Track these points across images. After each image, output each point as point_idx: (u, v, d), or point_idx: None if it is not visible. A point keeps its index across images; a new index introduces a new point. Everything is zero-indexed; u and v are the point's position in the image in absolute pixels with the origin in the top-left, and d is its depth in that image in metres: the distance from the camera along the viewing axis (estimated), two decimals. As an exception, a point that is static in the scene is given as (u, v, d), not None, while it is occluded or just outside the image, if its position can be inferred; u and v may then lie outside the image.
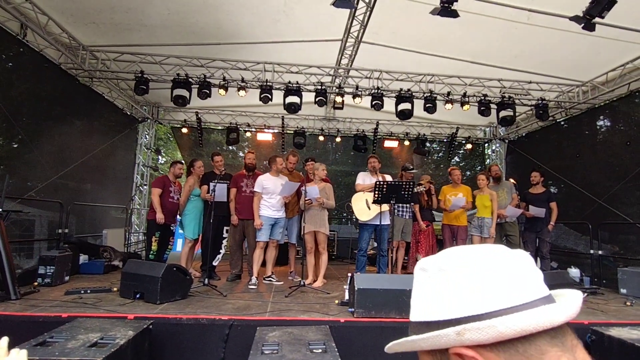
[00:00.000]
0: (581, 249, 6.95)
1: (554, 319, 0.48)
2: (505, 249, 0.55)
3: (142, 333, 2.89)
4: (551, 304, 0.50)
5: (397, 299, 3.53)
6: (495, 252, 0.54)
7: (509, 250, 0.55)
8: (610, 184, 6.49)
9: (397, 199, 4.75)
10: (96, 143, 7.19)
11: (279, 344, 2.71)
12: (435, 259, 0.57)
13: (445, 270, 0.54)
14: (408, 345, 0.55)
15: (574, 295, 0.54)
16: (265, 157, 9.75)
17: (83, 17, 5.65)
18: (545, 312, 0.48)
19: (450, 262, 0.54)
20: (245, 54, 6.75)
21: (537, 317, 0.47)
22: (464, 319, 0.50)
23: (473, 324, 0.48)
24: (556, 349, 0.48)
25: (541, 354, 0.47)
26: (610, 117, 6.96)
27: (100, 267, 5.57)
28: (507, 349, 0.48)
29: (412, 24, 5.82)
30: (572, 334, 0.50)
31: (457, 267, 0.53)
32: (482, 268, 0.52)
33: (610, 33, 5.14)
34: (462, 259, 0.54)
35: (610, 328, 3.40)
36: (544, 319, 0.47)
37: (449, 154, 10.30)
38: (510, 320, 0.47)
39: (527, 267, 0.53)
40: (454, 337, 0.49)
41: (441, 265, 0.55)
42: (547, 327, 0.48)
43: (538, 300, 0.50)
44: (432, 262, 0.57)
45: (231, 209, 5.36)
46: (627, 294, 5.08)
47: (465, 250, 0.56)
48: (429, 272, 0.56)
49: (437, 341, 0.51)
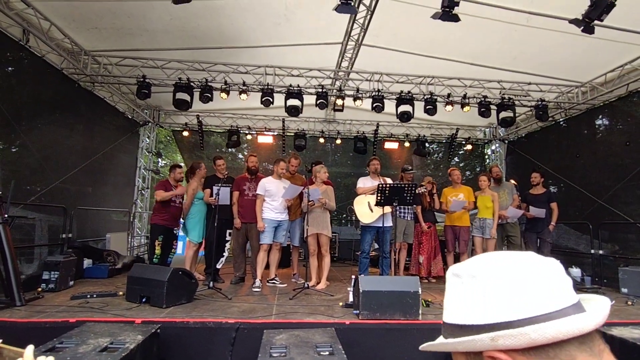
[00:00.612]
0: (582, 248, 6.99)
1: (583, 327, 0.51)
2: (536, 256, 0.57)
3: (151, 337, 2.92)
4: (581, 313, 0.53)
5: (401, 301, 3.57)
6: (527, 260, 0.57)
7: (540, 258, 0.57)
8: (610, 184, 6.53)
9: (400, 201, 4.79)
10: (98, 147, 7.22)
11: (287, 346, 2.74)
12: (468, 266, 0.59)
13: (477, 277, 0.57)
14: (444, 347, 0.59)
15: (602, 303, 0.57)
16: (266, 159, 9.81)
17: (85, 23, 5.68)
18: (575, 321, 0.51)
19: (483, 270, 0.57)
20: (246, 57, 6.78)
21: (568, 325, 0.50)
22: (497, 325, 0.53)
23: (506, 330, 0.52)
24: (585, 354, 0.51)
25: (571, 358, 0.51)
26: (610, 117, 7.01)
27: (104, 271, 5.60)
28: (539, 354, 0.51)
29: (412, 26, 5.87)
30: (600, 339, 0.53)
31: (489, 275, 0.56)
32: (514, 276, 0.55)
33: (609, 34, 5.18)
34: (494, 266, 0.57)
35: (612, 327, 3.43)
36: (575, 327, 0.50)
37: (449, 154, 10.35)
38: (542, 328, 0.50)
39: (558, 275, 0.56)
40: (488, 342, 0.53)
41: (474, 272, 0.58)
42: (577, 334, 0.51)
43: (568, 307, 0.53)
44: (465, 268, 0.60)
45: (234, 212, 5.39)
46: (628, 293, 5.12)
47: (497, 257, 0.58)
48: (462, 279, 0.59)
49: (472, 345, 0.54)
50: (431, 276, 6.13)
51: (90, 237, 6.86)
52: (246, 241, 5.54)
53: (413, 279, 3.81)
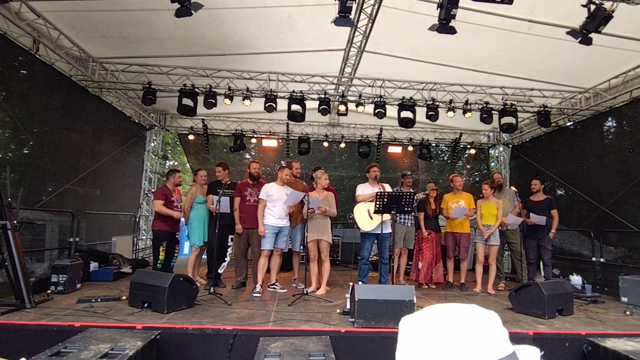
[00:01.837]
0: (586, 254, 6.96)
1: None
2: (474, 311, 0.64)
3: (151, 343, 3.03)
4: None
5: (396, 310, 3.63)
6: (465, 316, 0.63)
7: (478, 312, 0.64)
8: (614, 190, 6.50)
9: (398, 209, 4.84)
10: (105, 151, 7.41)
11: (281, 354, 2.82)
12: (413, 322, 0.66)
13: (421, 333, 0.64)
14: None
15: (532, 354, 0.65)
16: (270, 163, 9.90)
17: (93, 31, 5.83)
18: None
19: (426, 326, 0.64)
20: (249, 64, 6.89)
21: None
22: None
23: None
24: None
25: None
26: (614, 123, 6.97)
27: (109, 274, 5.74)
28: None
29: (414, 34, 5.90)
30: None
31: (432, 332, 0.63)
32: (452, 332, 0.61)
33: (611, 42, 5.18)
34: (436, 324, 0.63)
35: (606, 339, 3.45)
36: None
37: (452, 158, 10.35)
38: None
39: (493, 329, 0.62)
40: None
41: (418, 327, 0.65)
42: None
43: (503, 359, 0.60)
44: (410, 324, 0.67)
45: (235, 218, 5.48)
46: (628, 302, 5.11)
47: (439, 314, 0.65)
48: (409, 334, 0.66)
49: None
50: (432, 283, 6.17)
51: (97, 240, 7.03)
52: (247, 246, 5.64)
53: (409, 287, 3.86)
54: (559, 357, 3.40)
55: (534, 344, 3.02)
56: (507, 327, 1.05)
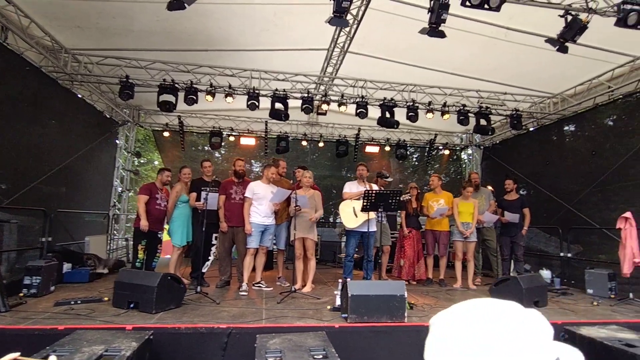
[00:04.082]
0: (551, 251, 7.39)
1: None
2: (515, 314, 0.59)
3: (145, 344, 2.93)
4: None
5: (388, 304, 3.71)
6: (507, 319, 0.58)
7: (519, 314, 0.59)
8: (578, 190, 6.95)
9: (385, 207, 4.95)
10: (75, 147, 7.04)
11: (281, 350, 2.82)
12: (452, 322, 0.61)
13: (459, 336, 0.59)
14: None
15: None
16: (248, 161, 9.79)
17: (68, 21, 5.56)
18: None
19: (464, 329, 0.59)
20: (232, 60, 6.79)
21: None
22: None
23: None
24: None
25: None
26: (578, 127, 7.45)
27: (85, 275, 5.48)
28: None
29: (397, 36, 6.05)
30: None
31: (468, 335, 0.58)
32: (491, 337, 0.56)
33: (578, 51, 5.52)
34: (473, 326, 0.58)
35: (581, 327, 3.70)
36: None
37: (426, 159, 10.67)
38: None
39: (535, 333, 0.57)
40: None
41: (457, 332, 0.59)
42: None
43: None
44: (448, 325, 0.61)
45: (220, 216, 5.40)
46: (593, 294, 5.49)
47: (476, 315, 0.60)
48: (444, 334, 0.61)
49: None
50: (414, 279, 6.34)
51: (69, 240, 6.68)
52: (232, 245, 5.56)
53: (399, 283, 3.97)
54: (540, 345, 3.61)
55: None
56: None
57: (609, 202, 6.38)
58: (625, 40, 5.21)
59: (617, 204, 6.04)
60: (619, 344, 3.21)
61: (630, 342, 3.22)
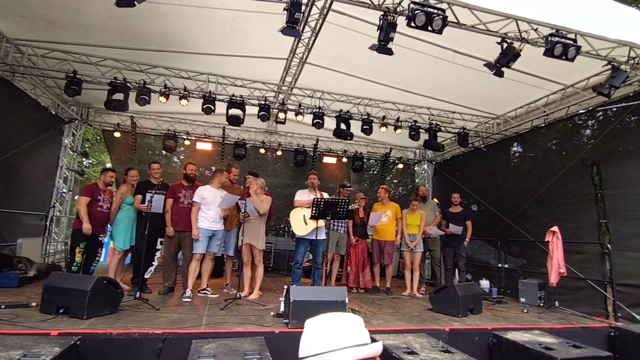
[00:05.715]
0: (492, 262, 7.83)
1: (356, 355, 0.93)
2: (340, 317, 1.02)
3: (69, 349, 2.79)
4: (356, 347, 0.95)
5: (330, 310, 3.73)
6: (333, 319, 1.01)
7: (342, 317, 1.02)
8: (518, 205, 7.45)
9: (333, 215, 5.04)
10: (13, 142, 6.60)
11: (215, 355, 2.79)
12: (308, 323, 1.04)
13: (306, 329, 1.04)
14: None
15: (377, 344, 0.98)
16: (203, 166, 9.61)
17: (11, 9, 5.27)
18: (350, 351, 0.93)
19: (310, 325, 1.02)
20: (189, 63, 6.71)
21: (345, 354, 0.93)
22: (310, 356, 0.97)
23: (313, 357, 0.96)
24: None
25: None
26: (520, 147, 8.02)
27: (14, 279, 5.10)
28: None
29: (353, 51, 6.24)
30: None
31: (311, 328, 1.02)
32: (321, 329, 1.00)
33: (518, 77, 5.99)
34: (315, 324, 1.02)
35: (507, 332, 3.96)
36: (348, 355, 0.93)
37: (382, 172, 10.99)
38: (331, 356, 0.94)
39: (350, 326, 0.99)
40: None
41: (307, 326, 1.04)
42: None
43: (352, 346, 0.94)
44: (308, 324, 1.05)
45: (167, 220, 5.25)
46: (525, 302, 5.87)
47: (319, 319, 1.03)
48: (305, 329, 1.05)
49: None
50: (360, 287, 6.46)
51: (-2, 242, 6.22)
52: (178, 250, 5.41)
53: (341, 289, 4.04)
54: (469, 349, 3.79)
55: (450, 338, 3.42)
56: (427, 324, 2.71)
57: (543, 217, 6.90)
58: (559, 69, 5.70)
59: (550, 219, 6.53)
60: (538, 347, 3.48)
61: (548, 346, 3.50)
